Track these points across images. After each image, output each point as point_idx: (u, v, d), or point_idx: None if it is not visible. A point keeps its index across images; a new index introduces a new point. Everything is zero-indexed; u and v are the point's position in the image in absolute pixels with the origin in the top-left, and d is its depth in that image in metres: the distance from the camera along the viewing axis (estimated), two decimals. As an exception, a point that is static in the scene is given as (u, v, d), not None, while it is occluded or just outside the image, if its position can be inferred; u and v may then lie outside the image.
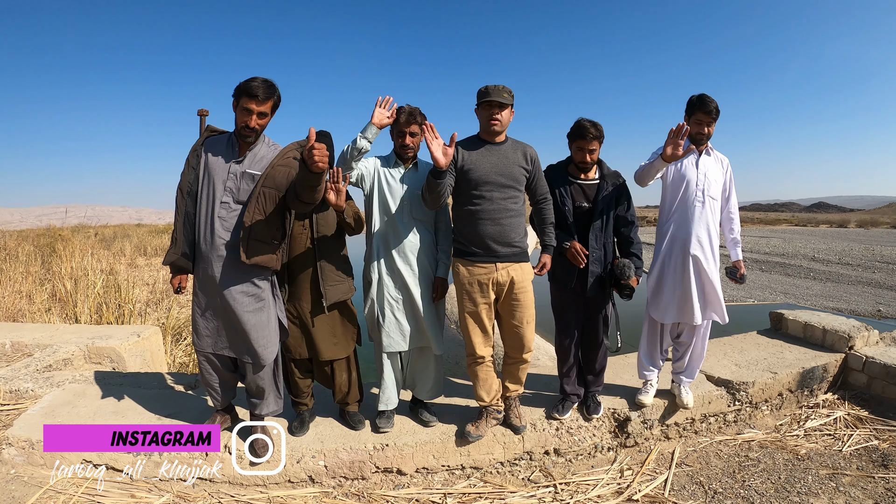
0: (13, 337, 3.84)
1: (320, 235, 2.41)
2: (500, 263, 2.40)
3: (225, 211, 2.16)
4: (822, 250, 18.90)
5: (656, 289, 2.80)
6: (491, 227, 2.37)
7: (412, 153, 2.52)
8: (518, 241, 2.43)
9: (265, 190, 2.12)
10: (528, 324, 2.47)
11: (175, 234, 2.23)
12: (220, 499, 2.30)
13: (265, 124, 2.18)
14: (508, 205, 2.39)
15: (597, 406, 2.77)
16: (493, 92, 2.31)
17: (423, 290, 2.51)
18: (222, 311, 2.25)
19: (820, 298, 10.10)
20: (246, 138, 2.16)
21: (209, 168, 2.19)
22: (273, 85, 2.10)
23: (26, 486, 2.33)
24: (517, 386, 2.61)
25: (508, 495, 2.41)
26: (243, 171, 2.17)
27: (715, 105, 2.59)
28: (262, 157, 2.20)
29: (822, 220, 51.74)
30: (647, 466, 2.66)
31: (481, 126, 2.43)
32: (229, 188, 2.16)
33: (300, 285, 2.43)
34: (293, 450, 2.41)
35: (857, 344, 3.54)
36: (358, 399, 2.64)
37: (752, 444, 2.90)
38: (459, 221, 2.47)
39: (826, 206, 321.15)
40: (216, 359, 2.36)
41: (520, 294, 2.43)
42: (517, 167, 2.41)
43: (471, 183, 2.37)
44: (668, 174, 2.75)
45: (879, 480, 2.50)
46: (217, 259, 2.18)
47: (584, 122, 2.54)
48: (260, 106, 2.09)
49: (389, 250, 2.49)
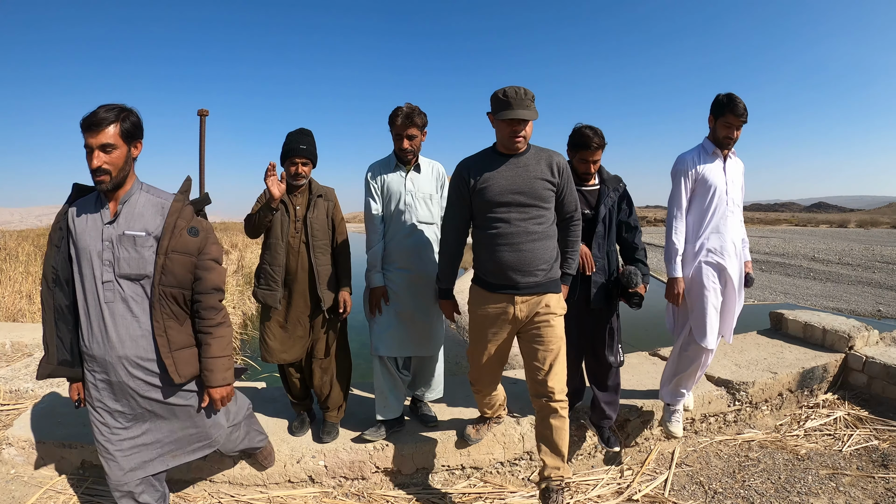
0: (13, 337, 3.84)
1: (315, 238, 2.40)
2: (519, 297, 2.03)
3: (111, 293, 1.63)
4: (822, 250, 18.90)
5: (698, 314, 2.50)
6: (509, 253, 1.99)
7: (412, 156, 2.44)
8: (542, 270, 2.03)
9: (165, 290, 1.65)
10: (553, 368, 2.03)
11: (45, 337, 1.68)
12: (220, 499, 2.30)
13: (120, 162, 1.60)
14: (530, 227, 2.00)
15: (616, 439, 2.61)
16: (516, 102, 1.89)
17: (423, 296, 2.44)
18: (151, 416, 1.76)
19: (820, 298, 10.10)
20: (100, 185, 1.59)
21: (78, 241, 1.63)
22: (116, 107, 1.60)
23: (26, 486, 2.33)
24: (557, 462, 2.04)
25: (508, 495, 2.41)
26: (121, 233, 1.62)
27: (745, 106, 2.38)
28: (142, 211, 1.66)
29: (822, 220, 51.75)
30: (647, 466, 2.66)
31: (499, 140, 2.03)
32: (107, 261, 1.62)
33: (296, 288, 2.41)
34: (293, 450, 2.41)
35: (857, 344, 3.54)
36: (339, 405, 2.55)
37: (752, 444, 2.90)
38: (476, 247, 2.13)
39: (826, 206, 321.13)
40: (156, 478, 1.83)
41: (544, 331, 2.04)
42: (540, 181, 2.00)
43: (485, 204, 2.02)
44: (695, 183, 2.53)
45: (879, 480, 2.50)
46: (118, 361, 1.65)
47: (585, 130, 2.35)
48: (99, 137, 1.55)
49: (389, 254, 2.45)
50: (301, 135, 2.41)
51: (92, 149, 1.56)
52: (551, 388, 2.01)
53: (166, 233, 1.64)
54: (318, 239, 2.42)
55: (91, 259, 1.62)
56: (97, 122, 1.55)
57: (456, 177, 2.11)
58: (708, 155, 2.52)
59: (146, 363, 1.67)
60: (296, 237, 2.40)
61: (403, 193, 2.43)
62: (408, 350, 2.48)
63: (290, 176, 2.40)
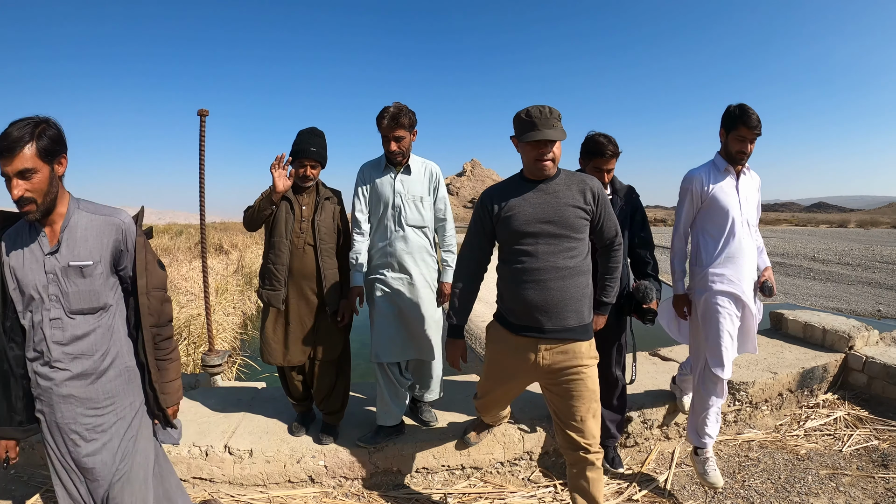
0: None
1: (322, 241, 2.40)
2: (543, 343, 1.80)
3: (60, 331, 1.42)
4: (822, 250, 18.91)
5: (713, 343, 2.32)
6: (534, 291, 1.76)
7: (401, 157, 2.38)
8: (573, 312, 1.79)
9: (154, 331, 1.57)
10: (587, 421, 1.82)
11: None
12: (220, 499, 2.30)
13: (44, 186, 1.37)
14: (560, 261, 1.76)
15: (621, 460, 2.56)
16: (542, 123, 1.70)
17: (417, 300, 2.40)
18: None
19: (820, 298, 10.11)
20: (28, 215, 1.38)
21: (16, 276, 1.42)
22: (28, 122, 1.35)
23: (26, 487, 2.33)
24: None
25: (508, 495, 2.41)
26: (66, 265, 1.42)
27: (758, 117, 2.21)
28: (85, 235, 1.46)
29: (822, 220, 51.77)
30: (647, 466, 2.66)
31: (525, 166, 1.84)
32: (54, 296, 1.41)
33: (300, 289, 2.40)
34: (293, 450, 2.41)
35: (857, 344, 3.54)
36: (340, 407, 2.54)
37: (752, 444, 2.90)
38: (500, 282, 1.93)
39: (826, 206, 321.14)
40: None
41: (575, 385, 1.80)
42: (571, 209, 1.77)
43: (510, 234, 1.81)
44: (704, 203, 2.36)
45: (879, 480, 2.50)
46: (63, 400, 1.46)
47: (599, 138, 2.25)
48: (15, 163, 1.31)
49: (380, 259, 2.42)
50: (312, 135, 2.39)
51: (9, 177, 1.33)
52: (588, 442, 1.82)
53: (140, 271, 1.53)
54: (325, 242, 2.41)
55: (32, 295, 1.42)
56: (9, 147, 1.31)
57: (479, 206, 1.92)
58: (719, 172, 2.35)
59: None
60: (300, 237, 2.38)
61: (392, 196, 2.39)
62: (409, 353, 2.45)
63: (297, 177, 2.39)
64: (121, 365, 1.54)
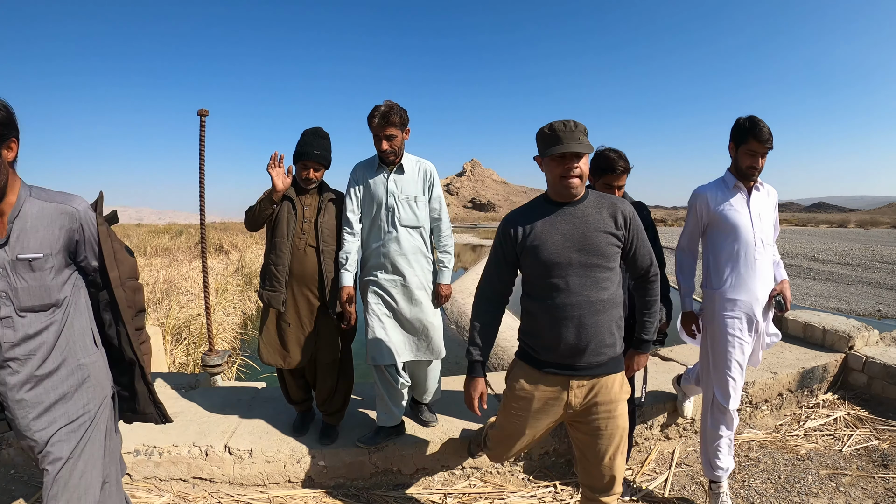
0: None
1: (325, 243, 2.39)
2: (575, 380, 1.67)
3: (11, 331, 1.32)
4: (822, 250, 18.91)
5: (721, 374, 2.23)
6: (569, 330, 1.62)
7: (394, 157, 2.35)
8: (608, 348, 1.66)
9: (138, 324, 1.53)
10: (615, 460, 1.73)
11: None
12: (220, 499, 2.30)
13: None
14: (594, 294, 1.62)
15: (628, 487, 2.46)
16: (566, 136, 1.57)
17: (411, 302, 2.39)
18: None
19: (820, 298, 10.11)
20: None
21: None
22: None
23: (26, 487, 2.33)
24: None
25: (508, 495, 2.41)
26: (14, 258, 1.31)
27: (769, 130, 2.09)
28: (36, 225, 1.35)
29: (822, 220, 51.76)
30: (647, 466, 2.66)
31: (551, 186, 1.69)
32: (3, 293, 1.31)
33: (301, 290, 2.39)
34: (293, 450, 2.41)
35: (857, 344, 3.54)
36: (340, 408, 2.53)
37: (752, 444, 2.90)
38: (526, 317, 1.77)
39: (826, 206, 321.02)
40: None
41: (604, 423, 1.69)
42: (602, 235, 1.64)
43: (539, 266, 1.65)
44: (712, 221, 2.25)
45: (879, 480, 2.50)
46: (17, 405, 1.35)
47: (610, 154, 2.15)
48: None
49: (374, 261, 2.41)
50: (316, 137, 2.38)
51: None
52: (611, 489, 1.74)
53: (110, 263, 1.45)
54: (328, 244, 2.41)
55: None
56: None
57: (500, 233, 1.77)
58: (728, 190, 2.23)
59: None
60: (302, 238, 2.37)
61: (386, 196, 2.36)
62: (405, 355, 2.42)
63: (300, 179, 2.39)
64: (73, 363, 1.42)
